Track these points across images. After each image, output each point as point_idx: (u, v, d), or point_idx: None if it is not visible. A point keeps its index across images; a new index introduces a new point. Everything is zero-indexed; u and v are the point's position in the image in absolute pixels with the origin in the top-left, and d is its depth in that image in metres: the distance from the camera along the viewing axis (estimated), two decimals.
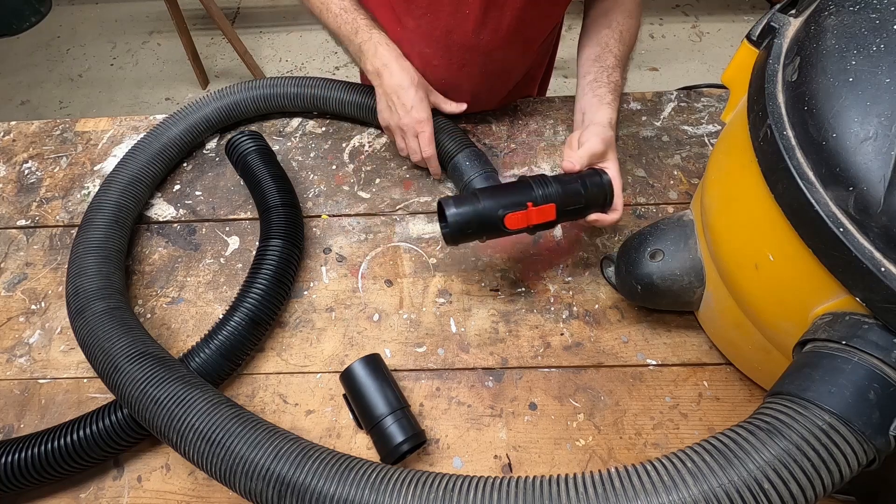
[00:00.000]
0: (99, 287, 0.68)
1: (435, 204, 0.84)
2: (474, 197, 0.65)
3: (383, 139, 0.92)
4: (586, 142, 0.69)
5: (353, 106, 0.88)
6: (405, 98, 0.77)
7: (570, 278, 0.76)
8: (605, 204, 0.69)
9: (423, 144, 0.79)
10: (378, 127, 0.91)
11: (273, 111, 0.93)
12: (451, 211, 0.64)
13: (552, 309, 0.74)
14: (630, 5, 0.82)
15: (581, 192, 0.67)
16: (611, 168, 0.70)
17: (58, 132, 0.97)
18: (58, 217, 0.86)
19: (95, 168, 0.91)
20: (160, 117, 0.97)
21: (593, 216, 0.70)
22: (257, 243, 0.77)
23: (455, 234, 0.64)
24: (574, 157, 0.68)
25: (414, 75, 0.79)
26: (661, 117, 0.92)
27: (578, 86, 0.78)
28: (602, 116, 0.72)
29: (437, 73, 0.85)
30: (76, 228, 0.85)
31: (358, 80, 1.00)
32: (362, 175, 0.88)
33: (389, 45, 0.79)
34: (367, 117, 0.89)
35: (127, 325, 0.64)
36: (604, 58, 0.77)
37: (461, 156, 0.80)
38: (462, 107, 0.84)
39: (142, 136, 0.86)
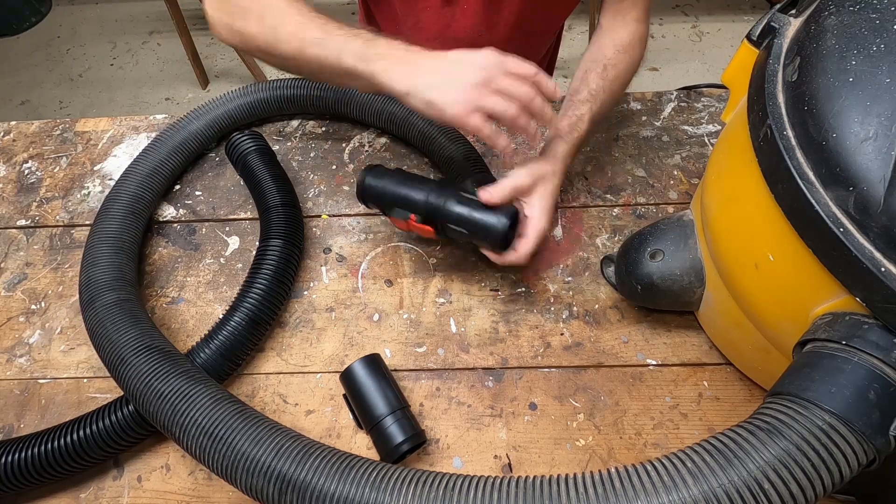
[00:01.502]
0: (111, 278, 0.68)
1: None
2: (389, 176, 0.69)
3: (383, 139, 0.92)
4: (514, 174, 0.65)
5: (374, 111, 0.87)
6: (487, 63, 0.58)
7: (570, 278, 0.76)
8: (494, 244, 0.65)
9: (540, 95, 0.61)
10: (379, 128, 0.91)
11: (295, 112, 0.93)
12: (365, 179, 0.69)
13: (552, 309, 0.74)
14: (626, 39, 0.78)
15: (467, 223, 0.64)
16: (534, 204, 0.66)
17: (58, 132, 0.97)
18: (58, 217, 0.86)
19: (95, 168, 0.91)
20: (160, 117, 0.97)
21: (484, 251, 0.68)
22: (257, 243, 0.78)
23: (360, 197, 0.70)
24: (495, 189, 0.63)
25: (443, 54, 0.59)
26: (661, 117, 0.92)
27: None
28: (550, 148, 0.69)
29: None
30: (76, 228, 0.85)
31: None
32: None
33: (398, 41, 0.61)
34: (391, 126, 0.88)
35: (135, 318, 0.65)
36: (578, 91, 0.74)
37: (470, 181, 0.74)
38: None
39: (154, 134, 0.86)
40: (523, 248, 0.65)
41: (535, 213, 0.65)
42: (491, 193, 0.63)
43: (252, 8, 0.61)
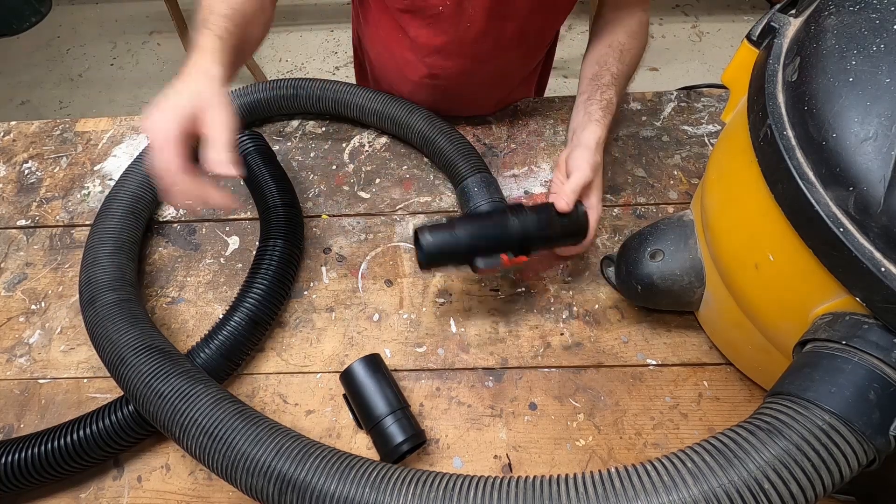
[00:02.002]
0: (111, 278, 0.68)
1: (434, 203, 0.84)
2: (451, 230, 0.64)
3: (383, 139, 0.92)
4: (575, 170, 0.67)
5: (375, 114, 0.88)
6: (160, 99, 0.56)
7: (570, 278, 0.76)
8: (578, 236, 0.68)
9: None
10: (379, 129, 0.91)
11: (295, 112, 0.93)
12: (426, 240, 0.63)
13: (552, 309, 0.74)
14: (634, 26, 0.81)
15: (557, 237, 0.67)
16: (592, 197, 0.69)
17: (58, 132, 0.97)
18: (58, 217, 0.86)
19: (95, 168, 0.91)
20: None
21: (562, 249, 0.70)
22: (257, 243, 0.77)
23: (430, 263, 0.65)
24: (566, 194, 0.66)
25: (182, 90, 0.55)
26: (661, 117, 0.92)
27: (575, 104, 0.77)
28: (589, 136, 0.70)
29: (437, 81, 0.85)
30: (76, 228, 0.85)
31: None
32: (362, 175, 0.88)
33: (196, 57, 0.58)
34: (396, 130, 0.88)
35: (135, 318, 0.65)
36: (600, 76, 0.76)
37: (472, 180, 0.77)
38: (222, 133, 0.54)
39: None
40: (590, 236, 0.69)
41: (593, 203, 0.69)
42: (566, 202, 0.66)
43: None
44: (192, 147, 0.53)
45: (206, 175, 0.52)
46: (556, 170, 0.72)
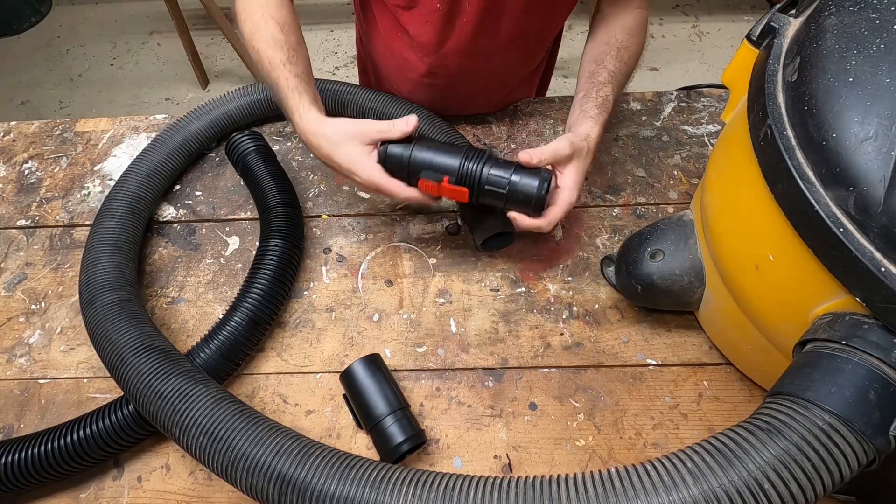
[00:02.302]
0: (111, 278, 0.68)
1: (435, 204, 0.84)
2: (408, 144, 0.66)
3: None
4: (555, 142, 0.66)
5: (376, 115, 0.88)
6: (340, 164, 0.67)
7: (570, 278, 0.76)
8: (527, 206, 0.65)
9: (383, 192, 0.67)
10: None
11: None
12: (383, 149, 0.66)
13: (552, 309, 0.74)
14: (632, 23, 0.79)
15: (506, 183, 0.64)
16: (568, 175, 0.66)
17: (58, 132, 0.97)
18: (58, 217, 0.86)
19: (95, 168, 0.91)
20: (160, 117, 0.97)
21: (512, 213, 0.66)
22: (257, 243, 0.77)
23: (382, 162, 0.66)
24: (535, 151, 0.64)
25: (332, 133, 0.66)
26: (661, 117, 0.92)
27: (572, 102, 0.76)
28: (582, 128, 0.70)
29: (436, 79, 0.85)
30: (76, 228, 0.85)
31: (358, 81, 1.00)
32: None
33: (299, 110, 0.68)
34: None
35: (135, 318, 0.65)
36: (597, 73, 0.75)
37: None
38: (412, 119, 0.67)
39: (154, 133, 0.86)
40: (552, 214, 0.66)
41: (568, 184, 0.66)
42: (531, 155, 0.64)
43: (246, 21, 0.73)
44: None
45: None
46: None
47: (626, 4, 0.80)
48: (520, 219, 0.66)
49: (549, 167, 0.66)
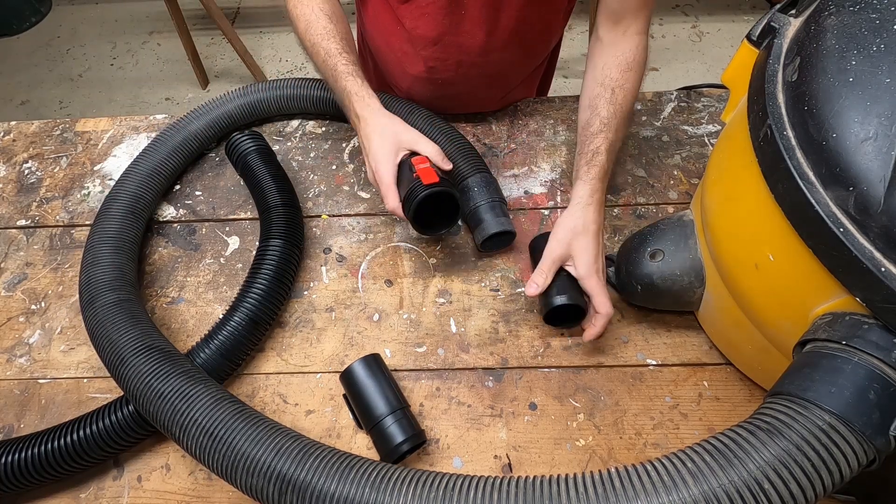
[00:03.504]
0: (111, 278, 0.68)
1: None
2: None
3: None
4: (547, 249, 0.67)
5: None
6: (369, 149, 0.71)
7: None
8: (579, 319, 0.68)
9: (380, 190, 0.70)
10: None
11: (295, 112, 0.93)
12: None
13: None
14: (630, 57, 0.75)
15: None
16: (579, 265, 0.66)
17: (58, 132, 0.97)
18: (58, 217, 0.86)
19: (95, 168, 0.91)
20: (160, 117, 0.97)
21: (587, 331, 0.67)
22: (257, 243, 0.77)
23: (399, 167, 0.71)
24: (538, 278, 0.66)
25: (383, 126, 0.71)
26: (661, 117, 0.92)
27: (575, 162, 0.75)
28: (574, 198, 0.69)
29: (435, 75, 0.85)
30: (76, 228, 0.85)
31: None
32: (362, 175, 0.88)
33: (361, 95, 0.73)
34: None
35: (135, 318, 0.65)
36: (590, 124, 0.73)
37: (472, 180, 0.78)
38: (438, 153, 0.71)
39: (154, 133, 0.86)
40: (600, 303, 0.65)
41: (582, 272, 0.66)
42: (537, 284, 0.66)
43: (299, 18, 0.79)
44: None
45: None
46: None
47: (625, 29, 0.75)
48: (590, 331, 0.66)
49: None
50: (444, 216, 0.70)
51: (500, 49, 0.82)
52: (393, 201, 0.69)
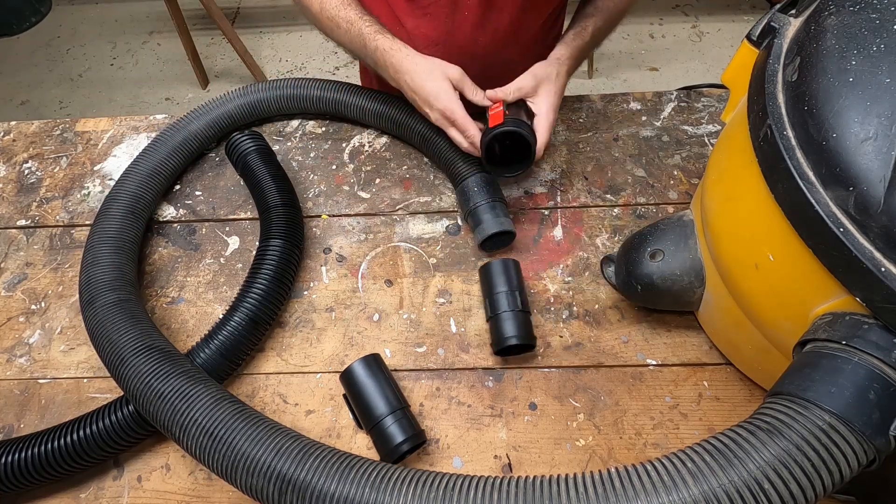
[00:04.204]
0: (111, 278, 0.68)
1: (434, 203, 0.84)
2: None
3: (383, 139, 0.92)
4: (519, 78, 0.73)
5: (373, 114, 0.88)
6: (426, 93, 0.73)
7: (570, 278, 0.76)
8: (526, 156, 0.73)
9: (458, 127, 0.74)
10: (379, 129, 0.91)
11: (295, 112, 0.93)
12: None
13: (552, 309, 0.74)
14: None
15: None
16: (541, 103, 0.73)
17: (58, 132, 0.97)
18: (58, 217, 0.86)
19: (95, 168, 0.91)
20: (160, 117, 0.97)
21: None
22: (257, 243, 0.77)
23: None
24: (500, 91, 0.72)
25: (429, 66, 0.74)
26: (661, 117, 0.92)
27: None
28: (553, 53, 0.75)
29: None
30: (76, 228, 0.85)
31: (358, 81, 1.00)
32: (362, 175, 0.88)
33: (394, 48, 0.75)
34: (389, 128, 0.89)
35: (135, 318, 0.65)
36: (586, 5, 0.80)
37: (472, 180, 0.78)
38: (484, 97, 0.76)
39: (154, 134, 0.86)
40: (540, 140, 0.72)
41: (543, 110, 0.73)
42: (496, 94, 0.71)
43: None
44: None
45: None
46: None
47: None
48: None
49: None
50: (512, 158, 0.75)
51: (500, 48, 0.82)
52: (472, 129, 0.72)
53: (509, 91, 0.73)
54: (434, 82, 0.72)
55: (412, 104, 0.78)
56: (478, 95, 0.76)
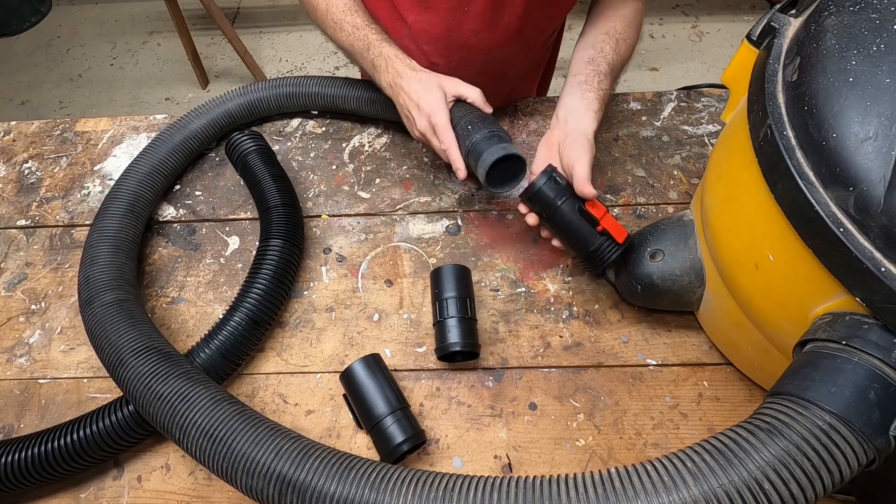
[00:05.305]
0: (110, 277, 0.68)
1: (434, 203, 0.84)
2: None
3: (383, 139, 0.92)
4: (576, 162, 0.65)
5: (374, 103, 0.88)
6: (418, 99, 0.73)
7: (570, 278, 0.76)
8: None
9: (438, 134, 0.72)
10: (383, 120, 0.91)
11: (296, 110, 0.93)
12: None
13: (552, 309, 0.74)
14: (631, 15, 0.80)
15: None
16: (578, 166, 0.68)
17: (58, 132, 0.97)
18: (58, 217, 0.86)
19: (95, 168, 0.91)
20: (160, 117, 0.97)
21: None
22: (257, 243, 0.77)
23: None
24: (589, 190, 0.64)
25: (427, 79, 0.74)
26: (661, 117, 0.92)
27: (567, 83, 0.75)
28: (587, 125, 0.69)
29: (436, 70, 0.85)
30: (76, 228, 0.85)
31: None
32: (362, 175, 0.88)
33: (400, 57, 0.76)
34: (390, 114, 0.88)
35: (134, 318, 0.65)
36: (597, 62, 0.75)
37: (465, 119, 0.74)
38: (480, 96, 0.75)
39: (154, 133, 0.86)
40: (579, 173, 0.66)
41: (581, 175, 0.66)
42: (591, 191, 0.65)
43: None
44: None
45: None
46: (544, 146, 0.71)
47: None
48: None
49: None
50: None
51: (503, 47, 0.82)
52: (448, 139, 0.71)
53: (587, 176, 0.66)
54: (428, 93, 0.73)
55: (400, 111, 0.77)
56: (486, 107, 0.76)
